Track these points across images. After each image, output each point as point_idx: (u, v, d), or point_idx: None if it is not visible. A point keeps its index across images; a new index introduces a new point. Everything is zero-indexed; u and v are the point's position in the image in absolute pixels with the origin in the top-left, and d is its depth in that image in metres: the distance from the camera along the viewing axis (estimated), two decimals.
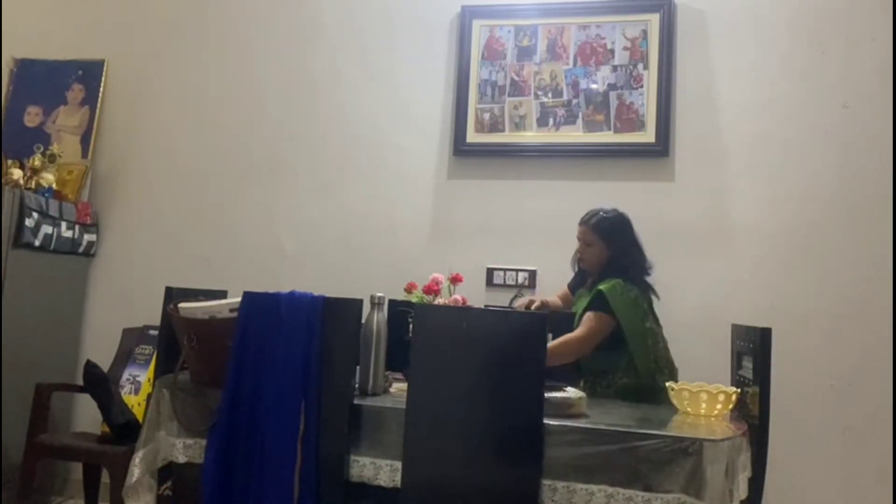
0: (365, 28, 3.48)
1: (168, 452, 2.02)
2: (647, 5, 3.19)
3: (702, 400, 2.06)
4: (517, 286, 3.18)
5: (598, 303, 2.44)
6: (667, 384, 2.22)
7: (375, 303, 2.09)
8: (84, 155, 3.61)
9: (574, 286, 2.78)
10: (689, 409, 2.08)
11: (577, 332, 2.44)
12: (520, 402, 1.81)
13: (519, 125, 3.26)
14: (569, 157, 3.22)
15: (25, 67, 3.76)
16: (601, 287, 2.45)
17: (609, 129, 3.17)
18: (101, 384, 2.86)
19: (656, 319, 2.55)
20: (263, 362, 1.97)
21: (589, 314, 2.45)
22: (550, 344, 2.27)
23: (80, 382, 2.97)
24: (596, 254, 2.57)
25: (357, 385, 2.03)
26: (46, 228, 3.20)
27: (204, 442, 1.97)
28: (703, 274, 3.00)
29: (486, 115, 3.28)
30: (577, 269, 2.77)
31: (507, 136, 3.26)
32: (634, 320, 2.44)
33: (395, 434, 1.87)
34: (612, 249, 2.55)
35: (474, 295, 2.85)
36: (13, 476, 2.88)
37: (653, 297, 2.57)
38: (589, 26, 3.24)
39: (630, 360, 2.44)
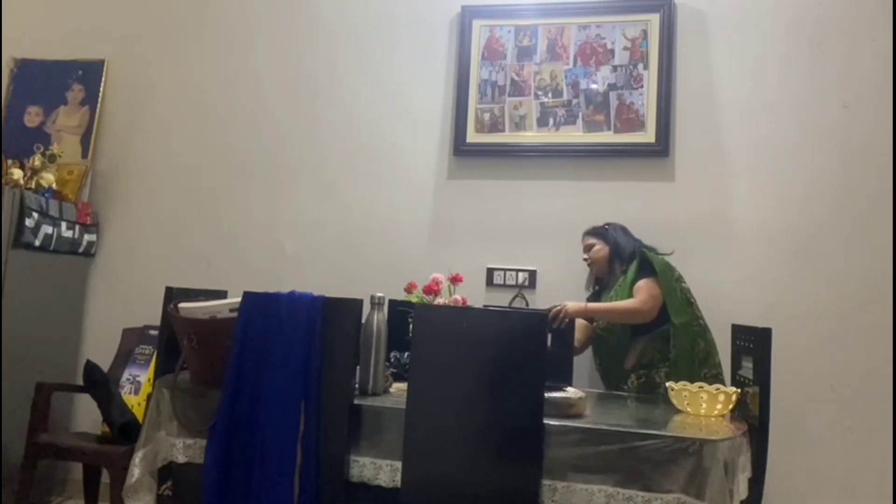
0: (365, 28, 3.49)
1: (168, 452, 2.03)
2: (647, 5, 3.19)
3: (702, 400, 2.06)
4: (517, 286, 3.18)
5: (646, 269, 2.63)
6: (667, 384, 2.22)
7: (375, 303, 2.09)
8: (84, 155, 3.61)
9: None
10: (689, 409, 2.08)
11: (638, 296, 2.59)
12: (520, 402, 1.81)
13: (519, 125, 3.26)
14: (569, 157, 3.22)
15: (25, 67, 3.76)
16: (633, 265, 2.66)
17: (609, 129, 3.17)
18: (101, 384, 2.86)
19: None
20: (263, 362, 1.97)
21: (641, 283, 2.61)
22: (617, 304, 2.59)
23: (80, 382, 2.97)
24: (597, 251, 2.81)
25: (357, 385, 2.03)
26: (46, 228, 3.20)
27: (204, 442, 1.97)
28: (704, 274, 2.99)
29: (486, 115, 3.28)
30: (592, 288, 2.91)
31: (507, 136, 3.26)
32: (671, 280, 2.62)
33: (395, 434, 1.87)
34: (610, 242, 2.80)
35: (474, 295, 2.85)
36: (13, 476, 2.88)
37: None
38: (589, 26, 3.24)
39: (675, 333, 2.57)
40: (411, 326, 1.94)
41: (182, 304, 2.12)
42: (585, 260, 2.86)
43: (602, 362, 2.77)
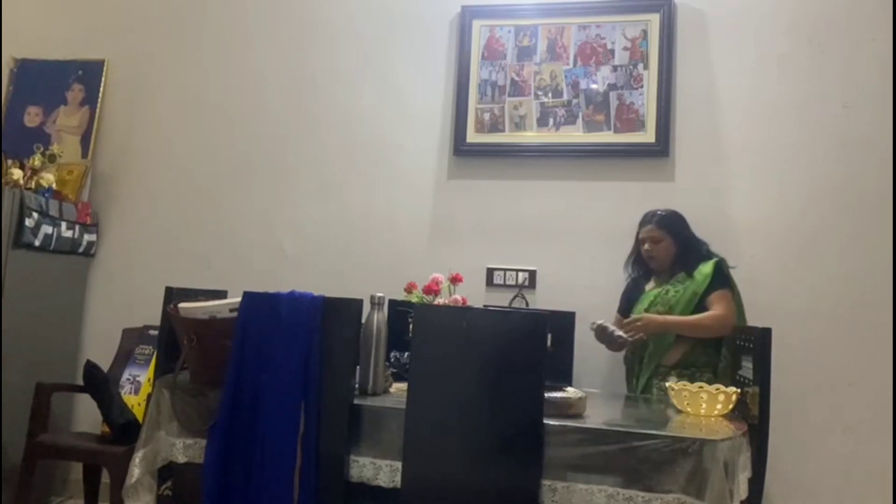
0: (365, 28, 3.49)
1: (168, 452, 2.03)
2: (647, 5, 3.19)
3: (702, 400, 2.07)
4: (517, 286, 3.18)
5: (721, 280, 2.58)
6: (666, 384, 2.22)
7: (375, 303, 2.09)
8: (84, 155, 3.61)
9: (629, 299, 2.78)
10: (689, 409, 2.08)
11: (720, 309, 2.52)
12: (520, 402, 1.81)
13: (519, 125, 3.26)
14: (569, 157, 3.21)
15: (25, 67, 3.76)
16: (711, 264, 2.59)
17: (609, 129, 3.17)
18: (101, 384, 2.86)
19: None
20: (263, 362, 1.97)
21: (719, 294, 2.55)
22: (700, 317, 2.48)
23: (80, 382, 2.97)
24: (665, 248, 2.69)
25: (357, 385, 2.03)
26: (46, 228, 3.20)
27: (204, 442, 1.98)
28: None
29: (486, 115, 3.28)
30: (633, 275, 2.82)
31: (507, 136, 3.26)
32: (738, 295, 2.62)
33: (395, 434, 1.87)
34: (680, 240, 2.69)
35: (474, 295, 2.85)
36: (13, 476, 2.88)
37: None
38: (589, 26, 3.24)
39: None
40: (411, 326, 1.94)
41: (182, 304, 2.12)
42: (647, 251, 2.71)
43: (637, 351, 2.65)
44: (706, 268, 2.59)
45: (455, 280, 2.57)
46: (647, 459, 1.73)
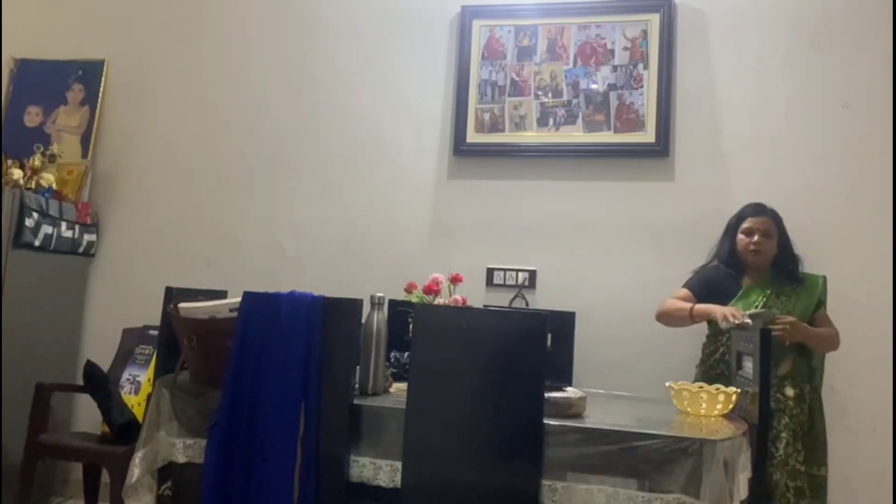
0: (365, 28, 3.48)
1: (168, 452, 2.03)
2: (647, 5, 3.18)
3: (702, 400, 2.07)
4: (517, 286, 3.18)
5: (825, 298, 2.60)
6: (667, 384, 2.22)
7: (375, 303, 2.09)
8: (84, 155, 3.61)
9: (723, 291, 2.62)
10: (689, 409, 2.08)
11: (832, 327, 2.58)
12: (520, 402, 1.81)
13: (519, 125, 3.26)
14: (569, 157, 3.21)
15: (25, 67, 3.76)
16: (822, 280, 2.61)
17: (609, 129, 3.17)
18: (101, 384, 2.86)
19: None
20: (263, 362, 1.97)
21: (825, 312, 2.60)
22: (828, 333, 2.53)
23: (80, 382, 2.97)
24: (771, 246, 2.61)
25: (357, 385, 2.03)
26: (46, 228, 3.20)
27: (204, 442, 1.98)
28: None
29: (486, 115, 3.28)
30: (723, 266, 2.68)
31: (507, 136, 3.26)
32: None
33: (395, 434, 1.87)
34: (784, 242, 2.64)
35: (474, 295, 2.85)
36: (13, 476, 2.88)
37: None
38: (589, 26, 3.24)
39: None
40: (411, 326, 1.94)
41: (182, 304, 2.12)
42: (757, 243, 2.58)
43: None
44: (817, 281, 2.60)
45: (455, 280, 2.57)
46: (647, 459, 1.73)
